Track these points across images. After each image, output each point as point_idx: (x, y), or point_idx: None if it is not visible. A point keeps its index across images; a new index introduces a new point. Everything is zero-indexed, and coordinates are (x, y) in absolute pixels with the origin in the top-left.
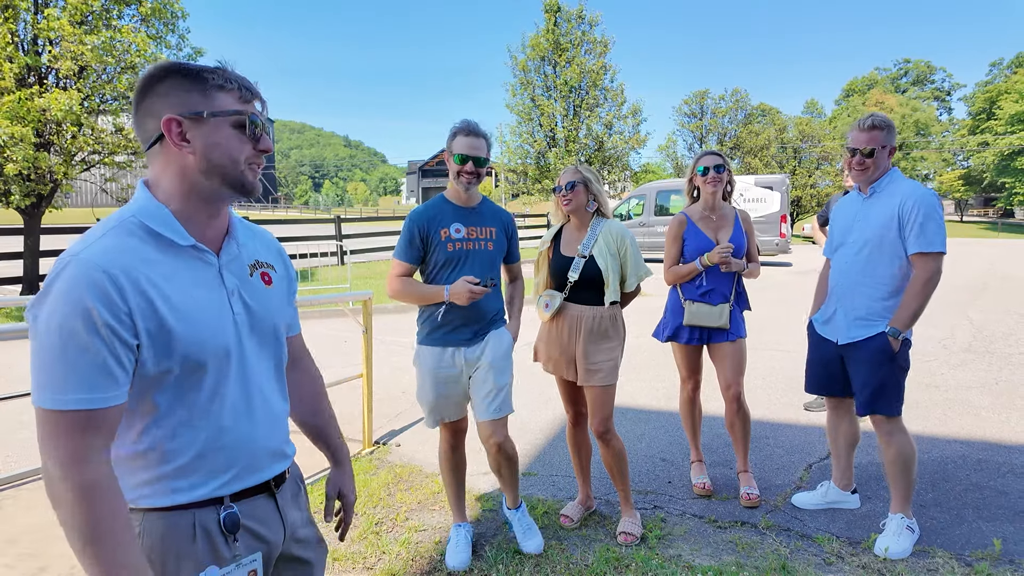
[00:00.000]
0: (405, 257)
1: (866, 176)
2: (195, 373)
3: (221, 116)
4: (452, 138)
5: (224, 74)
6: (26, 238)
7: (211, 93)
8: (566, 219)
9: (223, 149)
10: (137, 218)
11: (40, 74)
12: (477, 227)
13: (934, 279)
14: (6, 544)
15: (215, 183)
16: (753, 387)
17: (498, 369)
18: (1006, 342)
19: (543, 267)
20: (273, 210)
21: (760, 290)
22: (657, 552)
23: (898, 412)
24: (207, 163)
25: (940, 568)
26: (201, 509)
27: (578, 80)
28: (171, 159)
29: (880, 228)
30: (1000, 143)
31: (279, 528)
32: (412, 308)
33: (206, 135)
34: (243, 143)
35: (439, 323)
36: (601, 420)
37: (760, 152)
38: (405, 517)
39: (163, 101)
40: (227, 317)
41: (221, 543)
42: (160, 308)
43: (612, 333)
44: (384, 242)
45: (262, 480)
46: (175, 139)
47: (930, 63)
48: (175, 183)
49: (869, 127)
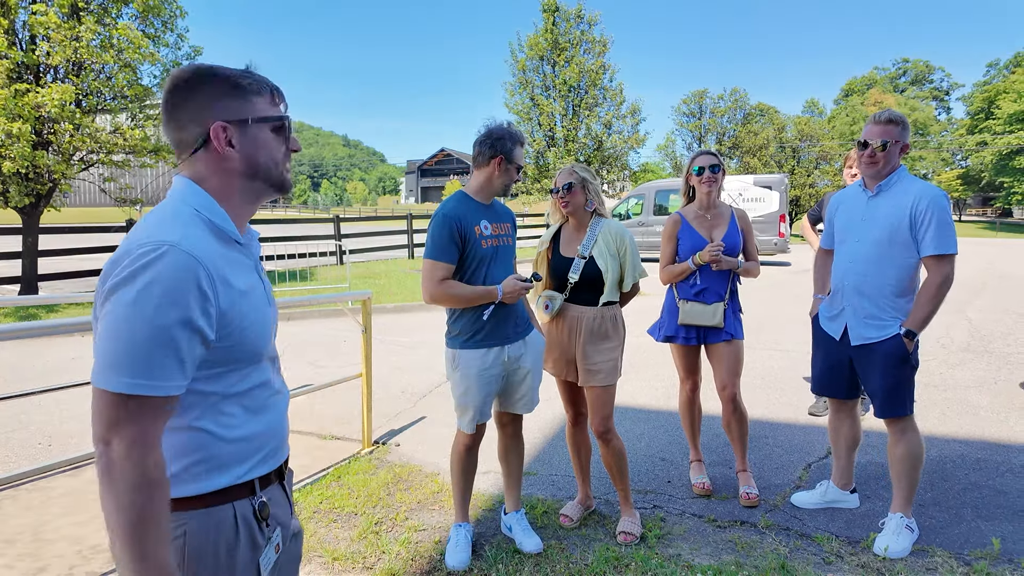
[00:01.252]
0: (446, 257)
1: (875, 170)
2: (255, 362)
3: (264, 122)
4: (513, 145)
5: (256, 78)
6: (24, 238)
7: (249, 99)
8: (564, 219)
9: (266, 152)
10: (202, 213)
11: (37, 71)
12: (498, 223)
13: (948, 281)
14: (5, 544)
15: (259, 184)
16: (752, 386)
17: (536, 372)
18: (1004, 341)
19: (542, 268)
20: (272, 209)
21: (759, 289)
22: (657, 551)
23: (912, 410)
24: (252, 166)
25: (939, 567)
26: (239, 501)
27: (577, 79)
28: (215, 162)
29: (890, 228)
30: (998, 142)
31: (288, 510)
32: (413, 308)
33: (251, 140)
34: (281, 145)
35: (483, 324)
36: (601, 420)
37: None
38: (405, 517)
39: (205, 107)
40: (268, 308)
41: (257, 531)
42: (238, 303)
43: (612, 333)
44: (383, 242)
45: (278, 464)
46: (222, 144)
47: (928, 63)
48: (223, 184)
49: (886, 120)
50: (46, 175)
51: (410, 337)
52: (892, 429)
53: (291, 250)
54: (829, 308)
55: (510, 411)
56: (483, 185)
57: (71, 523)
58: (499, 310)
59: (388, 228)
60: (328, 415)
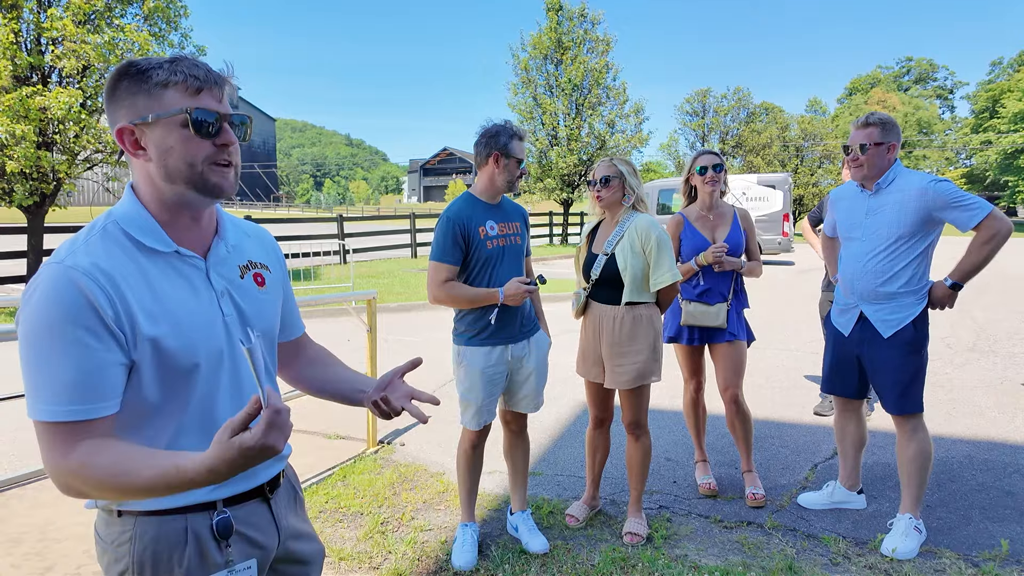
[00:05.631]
0: (449, 259)
1: (862, 173)
2: (188, 376)
3: (165, 117)
4: (509, 139)
5: (171, 67)
6: (29, 237)
7: (156, 92)
8: (603, 214)
9: (177, 153)
10: (119, 224)
11: (43, 73)
12: (506, 223)
13: (999, 235)
14: (11, 544)
15: (179, 188)
16: (757, 386)
17: (540, 372)
18: (1010, 341)
19: (578, 263)
20: (275, 209)
21: (763, 289)
22: (663, 552)
23: (922, 408)
24: (165, 169)
25: (947, 569)
26: (193, 514)
27: (580, 78)
28: (137, 167)
29: (898, 225)
30: (1003, 141)
31: (273, 534)
32: (416, 307)
33: (158, 140)
34: (198, 142)
35: (488, 322)
36: (633, 416)
37: (762, 151)
38: (411, 516)
39: (118, 108)
40: (217, 319)
41: (212, 548)
42: (147, 314)
43: (638, 334)
44: (386, 241)
45: (256, 484)
46: (130, 148)
47: (932, 61)
48: (148, 190)
49: (864, 124)
50: (51, 175)
51: (414, 336)
52: (903, 428)
53: (295, 249)
54: (840, 303)
55: (514, 410)
56: (487, 185)
57: (78, 522)
58: (504, 310)
59: (391, 227)
60: (333, 414)
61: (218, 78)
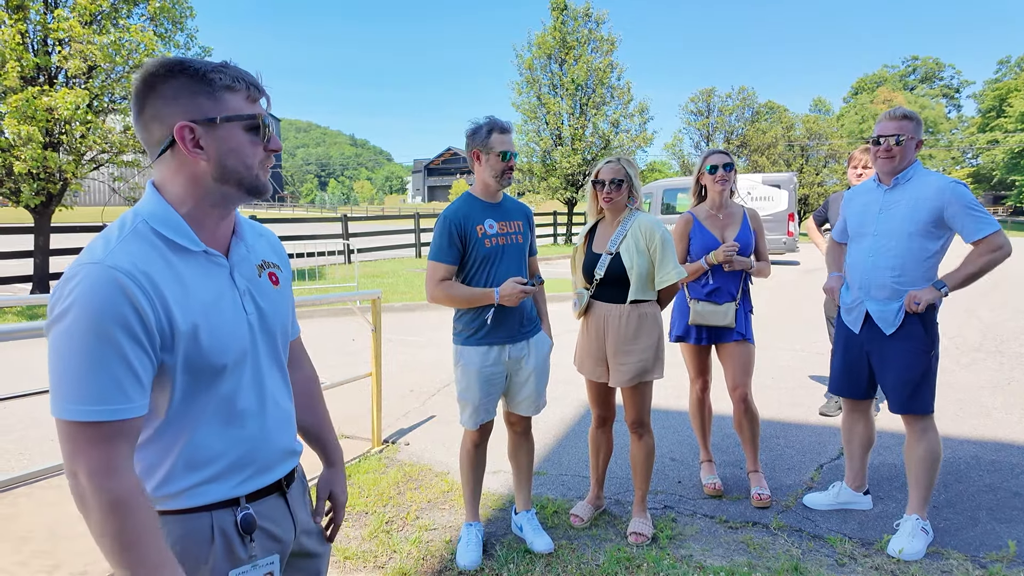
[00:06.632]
0: (446, 258)
1: (892, 166)
2: (216, 375)
3: (235, 121)
4: (487, 135)
5: (230, 72)
6: (36, 237)
7: (220, 95)
8: (600, 214)
9: (238, 155)
10: (149, 224)
11: (50, 74)
12: (507, 222)
13: (999, 252)
14: (20, 542)
15: (230, 188)
16: (763, 386)
17: (539, 373)
18: (1017, 342)
19: (577, 264)
20: (280, 208)
21: (768, 289)
22: (668, 552)
23: (932, 409)
24: (222, 169)
25: (954, 570)
26: (218, 511)
27: (585, 78)
28: (182, 165)
29: (913, 220)
30: (1010, 140)
31: (290, 527)
32: (420, 307)
33: (220, 141)
34: (256, 146)
35: (485, 322)
36: (636, 415)
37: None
38: (415, 516)
39: (171, 105)
40: (242, 318)
41: (238, 544)
42: (183, 314)
43: (643, 333)
44: (391, 241)
45: (275, 479)
46: (188, 146)
47: (939, 60)
48: (187, 188)
49: (900, 116)
50: (57, 175)
51: (418, 336)
52: (912, 428)
53: (299, 249)
54: (847, 301)
55: (521, 413)
56: (481, 183)
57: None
58: (501, 310)
59: (395, 227)
60: (337, 414)
61: (263, 88)
